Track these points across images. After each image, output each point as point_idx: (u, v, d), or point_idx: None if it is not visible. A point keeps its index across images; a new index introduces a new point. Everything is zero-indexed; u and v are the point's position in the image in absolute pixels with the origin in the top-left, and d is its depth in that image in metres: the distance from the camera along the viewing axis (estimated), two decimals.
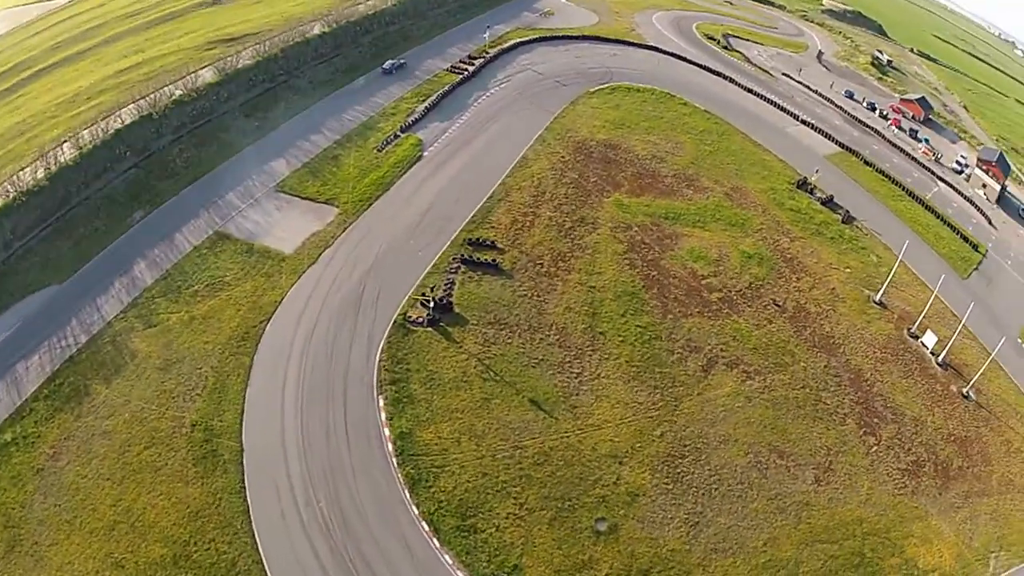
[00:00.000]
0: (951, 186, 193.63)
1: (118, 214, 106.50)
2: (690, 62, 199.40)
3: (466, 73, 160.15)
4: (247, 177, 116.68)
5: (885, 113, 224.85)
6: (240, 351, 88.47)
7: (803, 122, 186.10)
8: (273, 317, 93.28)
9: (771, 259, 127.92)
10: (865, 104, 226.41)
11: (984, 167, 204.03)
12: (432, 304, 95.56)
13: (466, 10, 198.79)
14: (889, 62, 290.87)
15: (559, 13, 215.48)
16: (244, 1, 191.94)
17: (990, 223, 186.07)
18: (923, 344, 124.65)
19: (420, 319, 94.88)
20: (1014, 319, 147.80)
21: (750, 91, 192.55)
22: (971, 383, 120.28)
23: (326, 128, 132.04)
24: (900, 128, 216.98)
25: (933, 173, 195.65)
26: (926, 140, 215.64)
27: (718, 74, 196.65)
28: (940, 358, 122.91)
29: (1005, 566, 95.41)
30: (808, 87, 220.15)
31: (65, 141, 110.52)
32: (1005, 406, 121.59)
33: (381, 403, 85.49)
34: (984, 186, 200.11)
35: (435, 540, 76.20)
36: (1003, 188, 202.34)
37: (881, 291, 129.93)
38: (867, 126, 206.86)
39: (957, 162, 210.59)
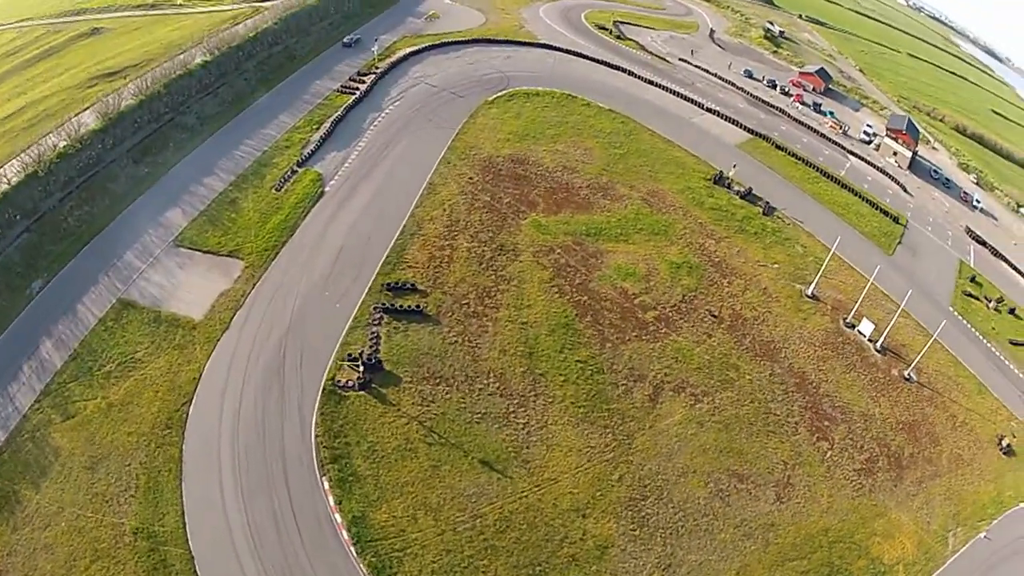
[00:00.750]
0: (862, 159, 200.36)
1: (16, 286, 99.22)
2: (586, 57, 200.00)
3: (358, 93, 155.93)
4: (143, 232, 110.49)
5: (786, 89, 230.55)
6: (167, 442, 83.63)
7: (708, 110, 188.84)
8: (195, 398, 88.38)
9: (700, 266, 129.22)
10: (765, 82, 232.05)
11: (893, 135, 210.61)
12: (361, 366, 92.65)
13: (349, 20, 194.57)
14: (781, 33, 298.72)
15: (444, 15, 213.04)
16: (122, 29, 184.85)
17: (905, 191, 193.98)
18: (860, 333, 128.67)
19: (350, 383, 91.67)
20: (942, 286, 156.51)
21: (651, 83, 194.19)
22: (912, 365, 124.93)
23: (219, 169, 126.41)
24: (803, 103, 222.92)
25: (843, 147, 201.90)
26: (831, 113, 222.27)
27: (616, 68, 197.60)
28: (878, 344, 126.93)
29: (962, 541, 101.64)
30: (707, 70, 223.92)
31: None
32: (946, 380, 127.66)
33: (326, 486, 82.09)
34: (895, 154, 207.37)
35: None
36: (914, 154, 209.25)
37: (813, 285, 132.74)
38: (771, 106, 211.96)
39: (864, 132, 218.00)
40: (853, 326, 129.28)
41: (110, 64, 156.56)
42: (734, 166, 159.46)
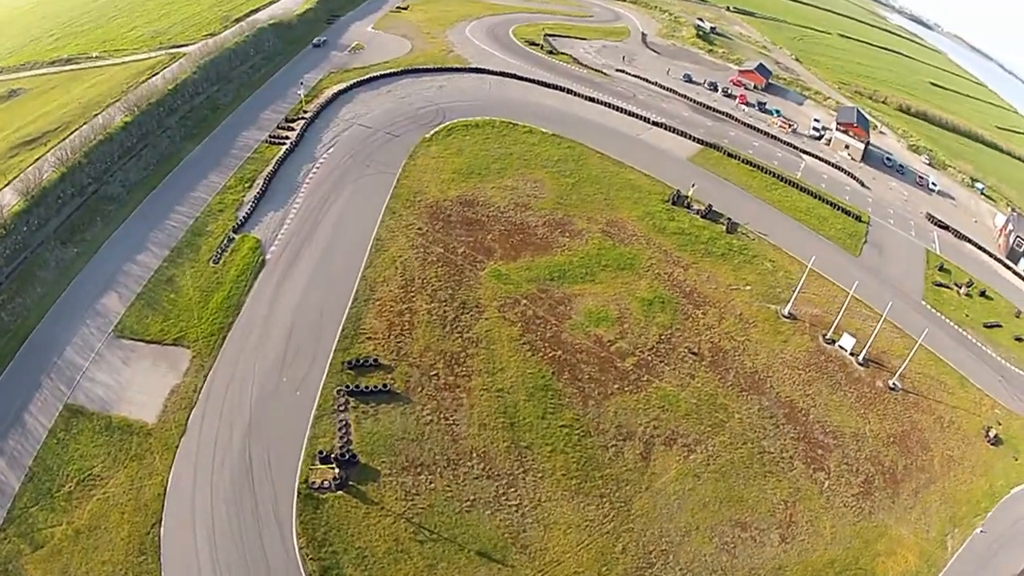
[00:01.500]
0: (816, 156, 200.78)
1: None
2: (522, 79, 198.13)
3: (288, 143, 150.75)
4: (81, 323, 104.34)
5: (728, 90, 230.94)
6: (144, 570, 77.94)
7: (655, 123, 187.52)
8: (164, 517, 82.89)
9: (672, 299, 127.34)
10: (706, 85, 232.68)
11: (844, 128, 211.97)
12: (336, 465, 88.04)
13: (271, 61, 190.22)
14: (712, 29, 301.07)
15: (368, 45, 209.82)
16: (39, 89, 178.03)
17: (862, 185, 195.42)
18: (841, 347, 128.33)
19: (326, 483, 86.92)
20: (912, 280, 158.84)
21: (592, 100, 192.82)
22: (896, 374, 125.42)
23: (152, 243, 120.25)
24: (748, 104, 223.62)
25: (795, 147, 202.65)
26: (777, 111, 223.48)
27: (555, 87, 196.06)
28: (860, 357, 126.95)
29: (960, 540, 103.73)
30: (646, 80, 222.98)
31: None
32: (929, 380, 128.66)
33: None
34: (847, 147, 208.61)
35: None
36: (867, 145, 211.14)
37: (789, 304, 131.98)
38: (717, 111, 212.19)
39: (814, 128, 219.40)
40: (833, 341, 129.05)
41: (29, 130, 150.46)
42: (693, 185, 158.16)
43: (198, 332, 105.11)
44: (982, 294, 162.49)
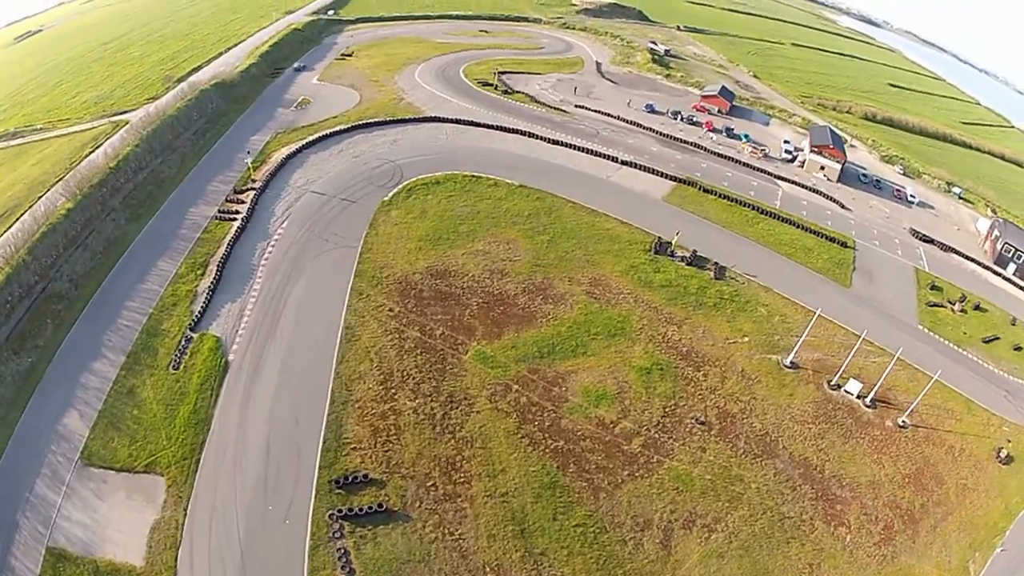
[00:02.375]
0: (792, 182, 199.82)
1: None
2: (480, 125, 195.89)
3: (239, 218, 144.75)
4: (46, 450, 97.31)
5: (693, 118, 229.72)
6: None
7: (624, 163, 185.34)
8: None
9: (670, 364, 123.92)
10: (669, 114, 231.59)
11: (819, 150, 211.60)
12: None
13: (214, 124, 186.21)
14: (667, 52, 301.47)
15: (315, 99, 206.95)
16: None
17: (842, 207, 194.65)
18: (847, 392, 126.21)
19: None
20: (905, 304, 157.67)
21: (557, 143, 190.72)
22: (907, 412, 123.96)
23: (106, 347, 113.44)
24: (715, 130, 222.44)
25: (769, 174, 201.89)
26: (746, 136, 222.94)
27: (516, 131, 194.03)
28: (868, 399, 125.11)
29: (982, 564, 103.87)
30: (608, 114, 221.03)
31: None
32: (936, 411, 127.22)
33: None
34: (822, 168, 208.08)
35: None
36: (843, 164, 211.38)
37: (792, 353, 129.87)
38: (685, 143, 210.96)
39: (785, 151, 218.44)
40: (839, 386, 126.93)
41: None
42: (677, 233, 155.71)
43: (169, 456, 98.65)
44: (976, 307, 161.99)
